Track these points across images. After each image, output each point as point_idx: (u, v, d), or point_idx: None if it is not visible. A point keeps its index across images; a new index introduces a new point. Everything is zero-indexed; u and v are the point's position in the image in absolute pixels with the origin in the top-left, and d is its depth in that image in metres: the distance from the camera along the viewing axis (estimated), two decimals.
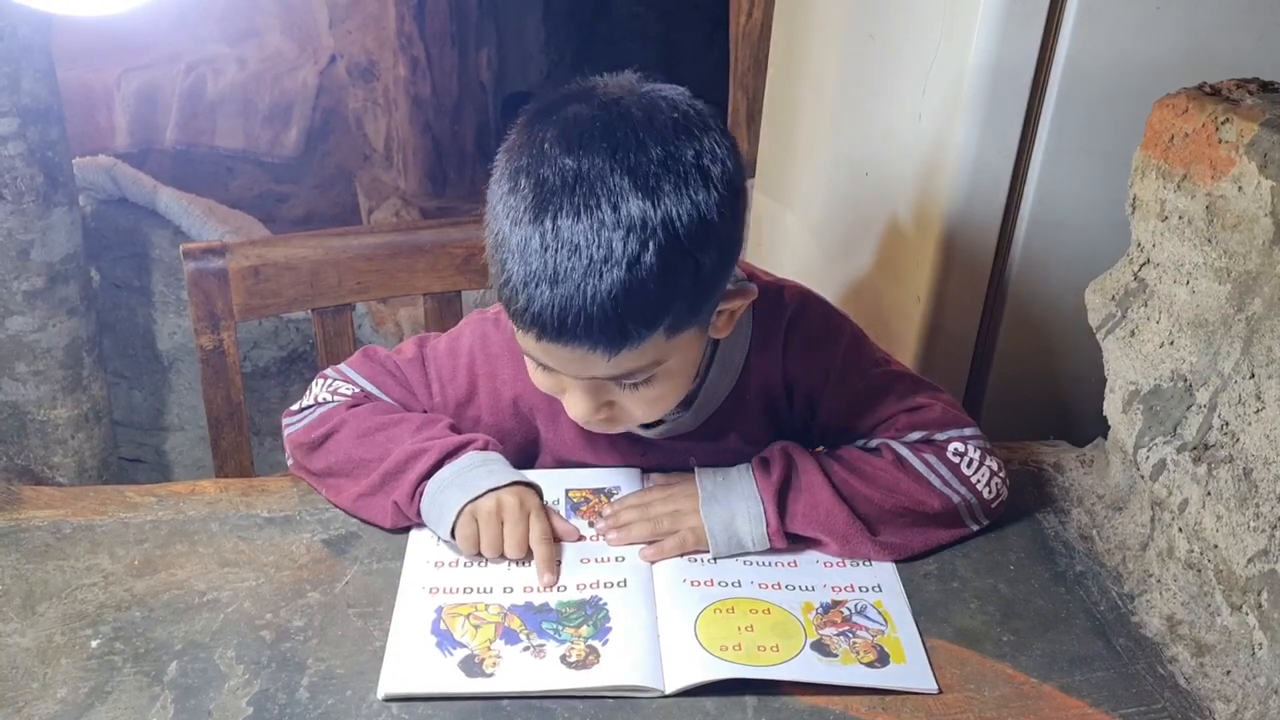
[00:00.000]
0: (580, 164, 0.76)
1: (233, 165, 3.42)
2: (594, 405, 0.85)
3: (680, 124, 0.80)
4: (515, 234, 0.77)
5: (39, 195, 1.70)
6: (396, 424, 0.93)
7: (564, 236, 0.75)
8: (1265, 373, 0.77)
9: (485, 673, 0.77)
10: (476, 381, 0.98)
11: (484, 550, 0.88)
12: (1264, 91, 0.86)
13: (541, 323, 0.78)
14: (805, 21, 1.60)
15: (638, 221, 0.75)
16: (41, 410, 1.83)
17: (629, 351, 0.79)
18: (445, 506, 0.88)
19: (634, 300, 0.76)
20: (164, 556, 0.88)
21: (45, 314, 1.77)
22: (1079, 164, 1.15)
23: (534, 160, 0.78)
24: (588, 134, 0.78)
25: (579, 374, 0.83)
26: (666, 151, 0.78)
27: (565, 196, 0.76)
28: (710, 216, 0.78)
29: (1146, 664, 0.82)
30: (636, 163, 0.76)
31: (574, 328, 0.77)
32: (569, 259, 0.75)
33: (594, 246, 0.75)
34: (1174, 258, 0.88)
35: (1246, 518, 0.78)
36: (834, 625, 0.82)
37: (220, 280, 1.20)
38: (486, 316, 1.00)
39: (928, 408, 0.95)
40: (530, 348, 0.83)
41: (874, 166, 1.37)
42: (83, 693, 0.75)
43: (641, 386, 0.85)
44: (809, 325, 0.97)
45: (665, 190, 0.76)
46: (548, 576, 0.86)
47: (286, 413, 1.00)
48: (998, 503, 0.94)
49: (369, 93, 3.36)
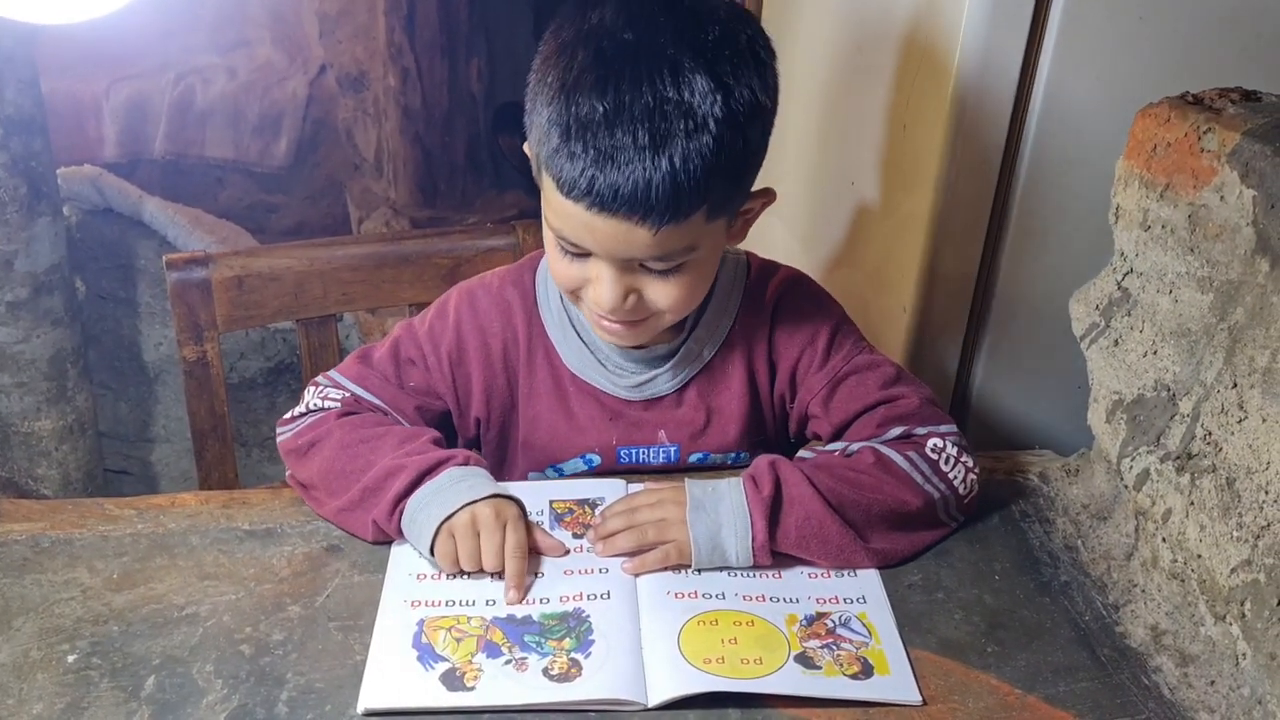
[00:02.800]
0: (640, 37, 0.80)
1: (222, 176, 3.41)
2: (623, 290, 0.87)
3: (731, 9, 0.85)
4: (572, 104, 0.80)
5: (22, 205, 1.69)
6: (380, 437, 0.93)
7: (626, 106, 0.79)
8: (1247, 382, 0.77)
9: (466, 686, 0.76)
10: (465, 337, 0.99)
11: (462, 564, 0.87)
12: (1246, 101, 0.87)
13: (596, 191, 0.80)
14: (792, 32, 1.60)
15: (700, 96, 0.80)
16: (26, 422, 1.82)
17: (674, 227, 0.83)
18: (423, 526, 0.87)
19: (691, 171, 0.80)
20: (143, 570, 0.88)
21: (29, 325, 1.76)
22: (1063, 173, 1.15)
23: (591, 34, 0.81)
24: (646, 10, 0.82)
25: (617, 252, 0.85)
26: (723, 31, 0.82)
27: (628, 66, 0.79)
28: (760, 98, 0.84)
29: (1131, 674, 0.81)
30: (695, 39, 0.81)
31: (631, 197, 0.80)
32: (632, 130, 0.79)
33: (656, 117, 0.79)
34: (1157, 267, 0.88)
35: (1230, 528, 0.77)
36: (818, 637, 0.82)
37: (204, 291, 1.20)
38: (472, 280, 1.03)
39: (907, 400, 0.96)
40: (574, 226, 0.85)
41: (860, 176, 1.37)
42: (59, 708, 0.74)
43: (671, 275, 0.87)
44: (799, 302, 0.99)
45: (724, 68, 0.81)
46: (512, 594, 0.85)
47: (280, 421, 0.99)
48: (970, 498, 0.95)
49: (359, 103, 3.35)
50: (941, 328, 1.25)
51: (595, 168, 0.79)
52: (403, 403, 0.98)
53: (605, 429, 1.00)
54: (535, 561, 0.89)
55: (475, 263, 1.28)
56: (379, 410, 0.98)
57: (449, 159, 3.38)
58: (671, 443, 1.01)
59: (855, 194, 1.38)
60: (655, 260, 0.86)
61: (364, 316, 2.24)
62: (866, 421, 0.96)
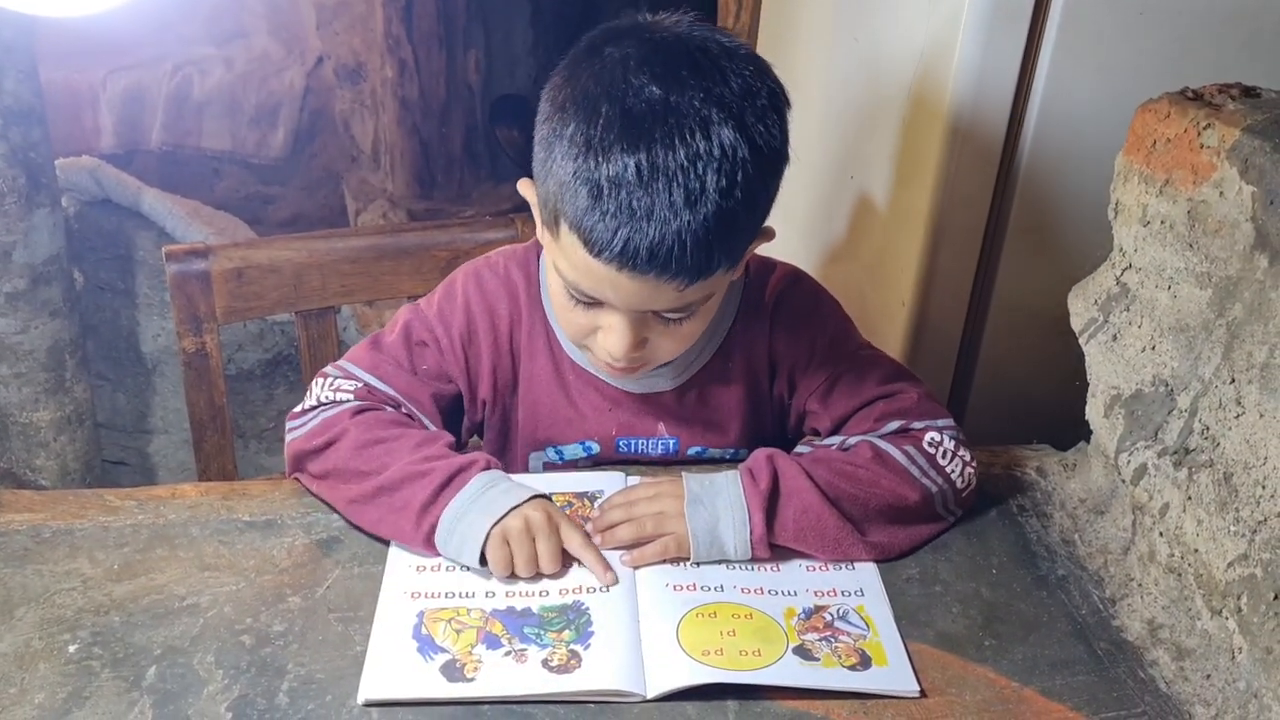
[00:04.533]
0: (669, 93, 0.78)
1: (219, 167, 3.41)
2: (635, 340, 0.87)
3: (751, 60, 0.83)
4: (604, 165, 0.78)
5: (21, 196, 1.69)
6: (397, 438, 0.91)
7: (660, 166, 0.77)
8: (1245, 378, 0.78)
9: (466, 678, 0.77)
10: (474, 318, 0.99)
11: (519, 570, 0.85)
12: (1246, 97, 0.87)
13: (629, 253, 0.78)
14: (791, 23, 1.60)
15: (730, 151, 0.78)
16: (24, 413, 1.82)
17: (703, 281, 0.82)
18: (469, 535, 0.85)
19: (724, 230, 0.79)
20: (144, 561, 0.88)
21: (27, 316, 1.76)
22: (1062, 168, 1.15)
23: (615, 88, 0.79)
24: (672, 64, 0.79)
25: (640, 306, 0.84)
26: (745, 84, 0.81)
27: (658, 126, 0.77)
28: (782, 148, 0.83)
29: (1127, 668, 0.82)
30: (722, 94, 0.79)
31: (665, 259, 0.78)
32: (666, 190, 0.77)
33: (690, 177, 0.77)
34: (1156, 263, 0.89)
35: (1226, 522, 0.78)
36: (816, 630, 0.82)
37: (203, 283, 1.20)
38: (478, 261, 1.02)
39: (904, 394, 0.96)
40: (596, 282, 0.83)
41: (858, 169, 1.37)
42: (60, 698, 0.75)
43: (683, 322, 0.87)
44: (798, 302, 0.99)
45: (750, 122, 0.80)
46: (610, 575, 0.86)
47: (290, 415, 0.97)
48: (968, 492, 0.95)
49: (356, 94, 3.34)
50: (940, 322, 1.25)
51: (629, 229, 0.77)
52: (417, 390, 0.97)
53: (605, 418, 1.00)
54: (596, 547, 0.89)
55: (473, 255, 1.27)
56: (392, 401, 0.96)
57: (446, 150, 3.38)
58: (671, 435, 1.01)
59: (854, 188, 1.38)
60: (676, 310, 0.86)
61: (362, 309, 2.24)
62: (864, 416, 0.96)
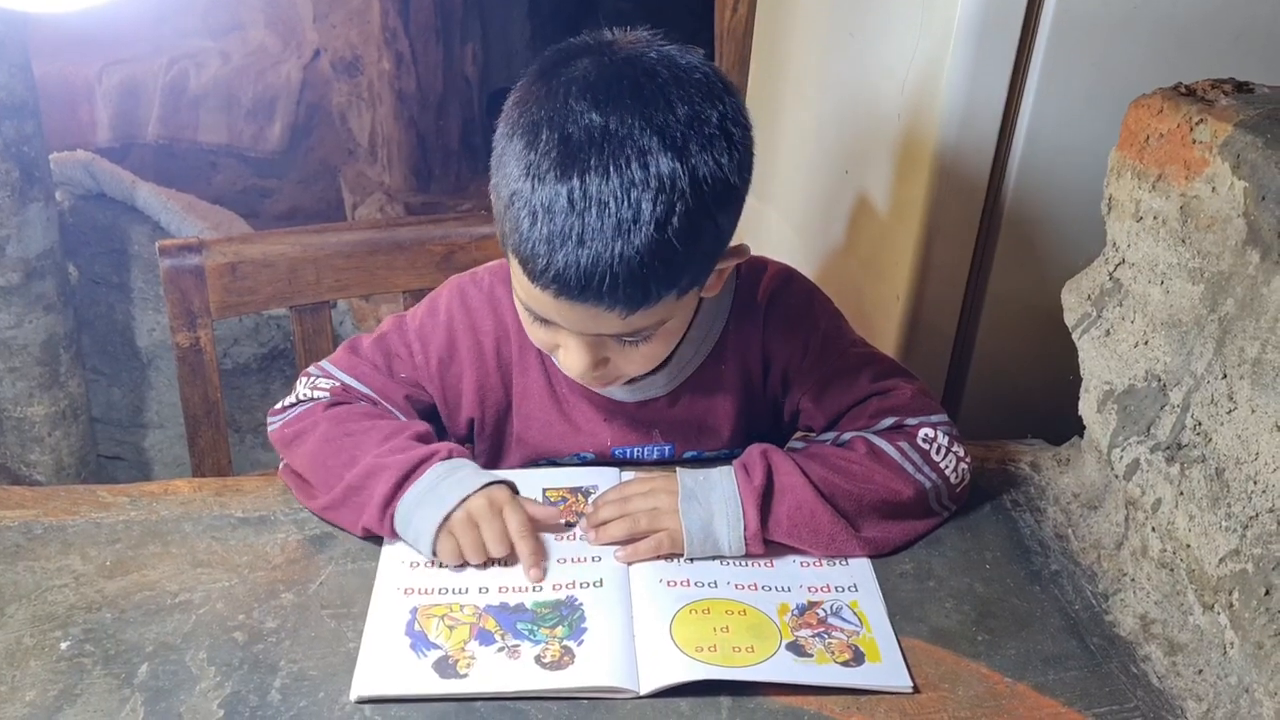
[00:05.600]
0: (608, 120, 0.76)
1: (216, 160, 3.40)
2: (592, 361, 0.86)
3: (704, 84, 0.80)
4: (539, 191, 0.76)
5: (14, 190, 1.68)
6: (365, 431, 0.92)
7: (592, 195, 0.75)
8: (1237, 373, 0.78)
9: (459, 674, 0.77)
10: (456, 337, 0.98)
11: (468, 557, 0.86)
12: (1239, 92, 0.86)
13: (563, 281, 0.77)
14: (787, 18, 1.59)
15: (667, 181, 0.76)
16: (18, 407, 1.82)
17: (644, 311, 0.80)
18: (421, 529, 0.86)
19: (660, 261, 0.77)
20: (136, 557, 0.88)
21: (21, 310, 1.76)
22: (1057, 163, 1.15)
23: (556, 114, 0.77)
24: (614, 89, 0.77)
25: (587, 330, 0.83)
26: (693, 111, 0.78)
27: (594, 153, 0.75)
28: (733, 179, 0.80)
29: (1120, 663, 0.82)
30: (665, 121, 0.77)
31: (599, 288, 0.77)
32: (598, 218, 0.75)
33: (623, 206, 0.75)
34: (1148, 258, 0.89)
35: (1218, 518, 0.78)
36: (809, 627, 0.82)
37: (197, 277, 1.20)
38: (463, 276, 1.00)
39: (899, 391, 0.96)
40: (541, 305, 0.82)
41: (854, 164, 1.37)
42: (52, 695, 0.75)
43: (641, 343, 0.86)
44: (790, 301, 0.98)
45: (692, 150, 0.77)
46: (534, 571, 0.85)
47: (271, 411, 0.99)
48: (962, 487, 0.95)
49: (353, 87, 3.34)
50: (934, 317, 1.25)
51: (561, 257, 0.76)
52: (392, 391, 0.98)
53: (600, 429, 0.99)
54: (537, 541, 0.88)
55: (469, 249, 1.28)
56: (369, 400, 0.97)
57: (443, 144, 3.37)
58: (666, 442, 1.01)
59: (849, 182, 1.38)
60: (625, 336, 0.85)
61: (358, 303, 2.24)
62: (859, 413, 0.96)
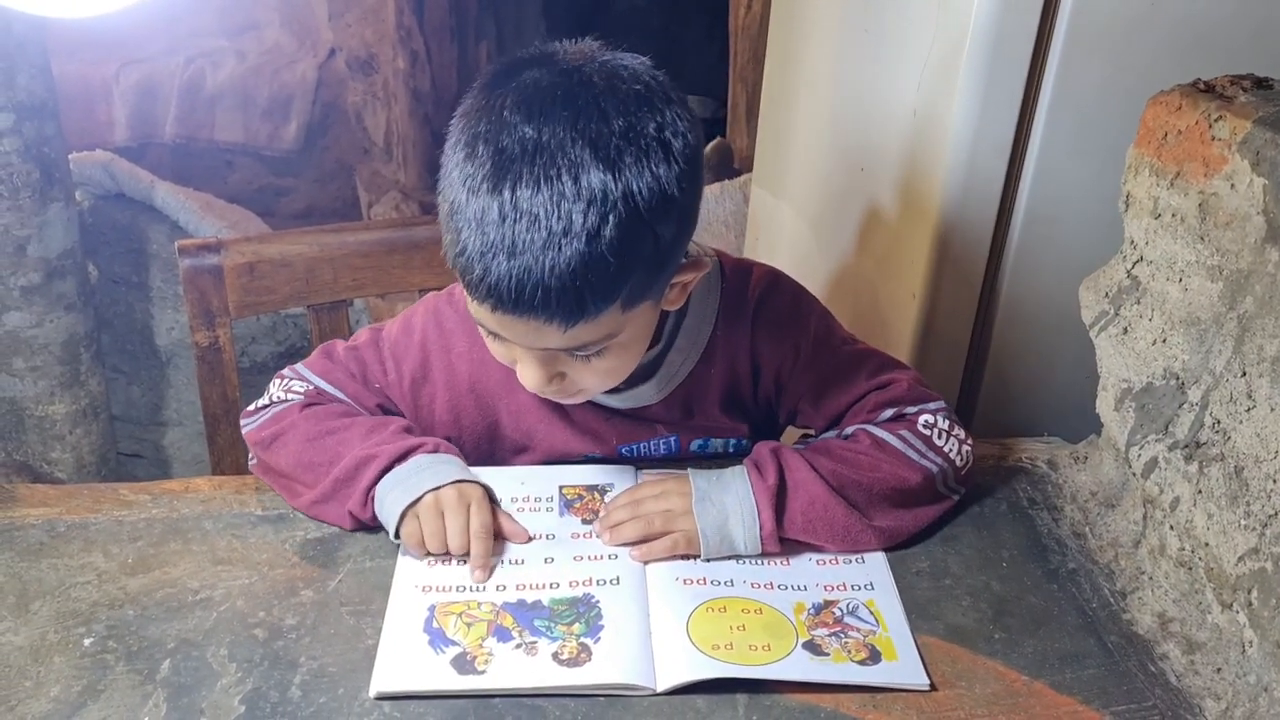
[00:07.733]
0: (541, 133, 0.75)
1: (232, 159, 3.42)
2: (546, 375, 0.85)
3: (643, 95, 0.79)
4: (472, 203, 0.76)
5: (35, 191, 1.70)
6: (347, 428, 0.93)
7: (523, 207, 0.74)
8: (1256, 371, 0.77)
9: (477, 670, 0.77)
10: (430, 357, 0.97)
11: (428, 545, 0.87)
12: (1258, 89, 0.86)
13: (498, 294, 0.77)
14: (801, 15, 1.59)
15: (598, 194, 0.75)
16: (39, 406, 1.83)
17: (585, 324, 0.79)
18: (389, 510, 0.88)
19: (593, 273, 0.76)
20: (157, 555, 0.88)
21: (42, 310, 1.77)
22: (1074, 160, 1.15)
23: (492, 127, 0.77)
24: (549, 102, 0.76)
25: (532, 344, 0.83)
26: (628, 123, 0.77)
27: (525, 166, 0.75)
28: (670, 190, 0.78)
29: (1138, 661, 0.82)
30: (598, 133, 0.75)
31: (531, 300, 0.76)
32: (528, 230, 0.75)
33: (553, 218, 0.74)
34: (1167, 255, 0.88)
35: (1237, 516, 0.78)
36: (825, 626, 0.82)
37: (215, 277, 1.21)
38: (440, 294, 1.00)
39: (896, 383, 0.97)
40: (484, 318, 0.82)
41: (869, 162, 1.37)
42: (75, 691, 0.75)
43: (594, 358, 0.85)
44: (778, 304, 0.98)
45: (626, 162, 0.76)
46: (478, 574, 0.86)
47: (244, 413, 0.99)
48: (966, 470, 0.96)
49: (368, 86, 3.35)
50: (950, 314, 1.25)
51: (493, 270, 0.76)
52: (365, 399, 0.98)
53: (604, 429, 0.99)
54: (500, 545, 0.89)
55: None
56: (342, 403, 0.97)
57: None
58: (670, 434, 1.01)
59: (865, 180, 1.38)
60: (573, 350, 0.84)
61: (374, 302, 2.25)
62: (858, 410, 0.97)
